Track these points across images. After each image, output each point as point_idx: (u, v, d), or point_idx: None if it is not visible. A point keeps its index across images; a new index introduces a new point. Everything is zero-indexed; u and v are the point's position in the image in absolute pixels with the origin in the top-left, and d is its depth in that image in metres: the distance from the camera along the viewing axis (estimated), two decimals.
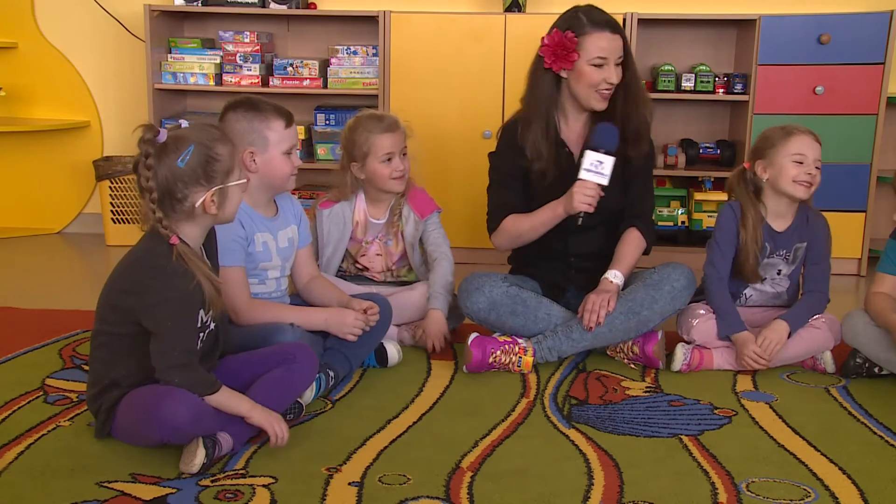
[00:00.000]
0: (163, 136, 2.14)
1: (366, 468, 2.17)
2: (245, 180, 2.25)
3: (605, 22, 2.85)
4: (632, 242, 2.93)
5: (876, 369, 2.79)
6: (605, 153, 2.76)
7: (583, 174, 2.77)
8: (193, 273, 2.11)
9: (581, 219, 2.79)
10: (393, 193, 3.06)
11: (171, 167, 2.12)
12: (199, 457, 2.10)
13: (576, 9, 2.89)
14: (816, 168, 2.81)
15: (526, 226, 2.93)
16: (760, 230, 2.85)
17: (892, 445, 2.34)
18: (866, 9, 4.05)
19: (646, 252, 2.98)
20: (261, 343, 2.48)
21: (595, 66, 2.83)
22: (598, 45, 2.82)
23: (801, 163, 2.81)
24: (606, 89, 2.85)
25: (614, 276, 2.85)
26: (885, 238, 2.91)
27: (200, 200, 2.16)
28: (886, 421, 2.49)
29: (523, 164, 2.92)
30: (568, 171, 2.89)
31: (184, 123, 2.22)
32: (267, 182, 2.65)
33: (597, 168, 2.76)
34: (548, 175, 2.90)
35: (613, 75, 2.84)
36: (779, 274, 2.92)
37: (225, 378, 2.23)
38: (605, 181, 2.76)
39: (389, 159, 2.98)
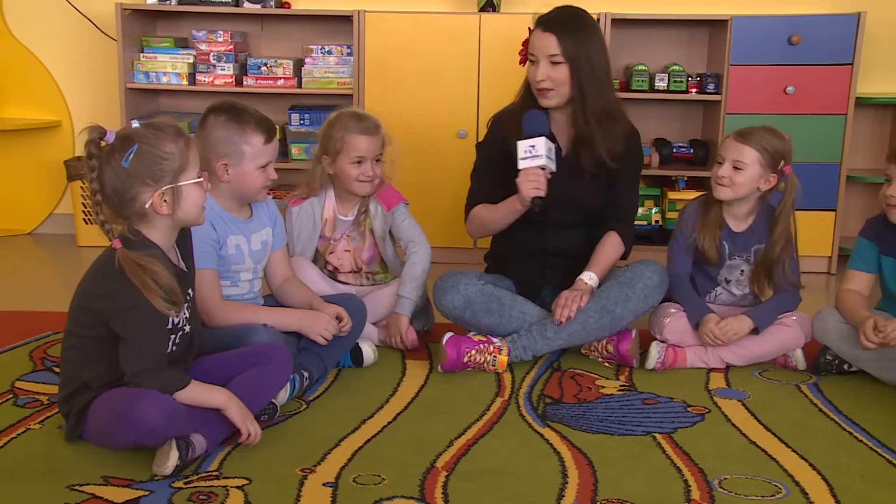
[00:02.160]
0: (110, 136, 2.12)
1: (340, 468, 2.17)
2: (202, 179, 2.22)
3: (540, 19, 2.85)
4: (610, 246, 2.93)
5: (846, 366, 2.82)
6: (537, 136, 2.75)
7: (521, 164, 2.76)
8: (129, 279, 2.07)
9: (538, 206, 2.76)
10: (357, 196, 3.04)
11: (115, 167, 2.11)
12: (172, 458, 2.09)
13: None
14: (735, 168, 2.84)
15: (489, 217, 2.94)
16: (718, 230, 2.91)
17: (861, 441, 2.37)
18: (835, 10, 4.10)
19: (623, 257, 2.99)
20: (234, 344, 2.47)
21: (531, 62, 2.85)
22: (532, 41, 2.85)
23: (720, 163, 2.87)
24: (538, 87, 2.85)
25: (589, 278, 2.86)
26: (855, 236, 2.94)
27: (150, 201, 2.13)
28: (855, 417, 2.52)
29: (507, 154, 2.91)
30: (557, 164, 2.86)
31: (134, 123, 2.20)
32: (237, 193, 2.64)
33: (531, 152, 2.74)
34: None
35: (538, 73, 2.83)
36: (742, 274, 2.96)
37: (199, 379, 2.22)
38: (543, 161, 2.74)
39: (360, 162, 2.96)
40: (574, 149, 2.89)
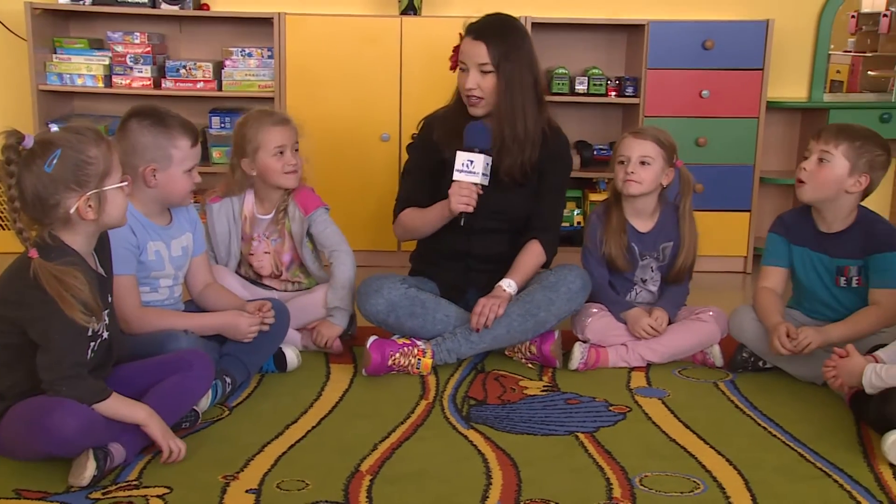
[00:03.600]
0: (28, 141, 2.06)
1: (263, 475, 2.15)
2: (126, 182, 2.19)
3: (471, 27, 2.88)
4: (531, 254, 2.95)
5: (761, 363, 2.89)
6: (478, 152, 2.77)
7: (456, 175, 2.78)
8: (45, 289, 2.02)
9: (463, 220, 2.80)
10: (284, 189, 3.01)
11: (37, 173, 2.05)
12: (89, 469, 2.05)
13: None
14: (642, 164, 2.92)
15: (418, 222, 2.95)
16: (624, 232, 2.98)
17: (776, 437, 2.44)
18: (745, 17, 4.21)
19: (546, 265, 3.02)
20: (154, 351, 2.43)
21: (462, 70, 2.87)
22: (463, 48, 2.87)
23: (623, 162, 2.94)
24: (468, 95, 2.87)
25: (508, 286, 2.88)
26: None
27: (75, 206, 2.09)
28: (770, 413, 2.59)
29: (435, 157, 2.92)
30: None
31: (53, 127, 2.14)
32: (164, 198, 2.61)
33: (468, 167, 2.76)
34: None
35: (468, 81, 2.85)
36: (653, 271, 3.04)
37: (119, 387, 2.18)
38: (478, 179, 2.77)
39: (281, 153, 2.93)
40: (501, 157, 2.89)
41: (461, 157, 2.77)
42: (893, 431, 2.25)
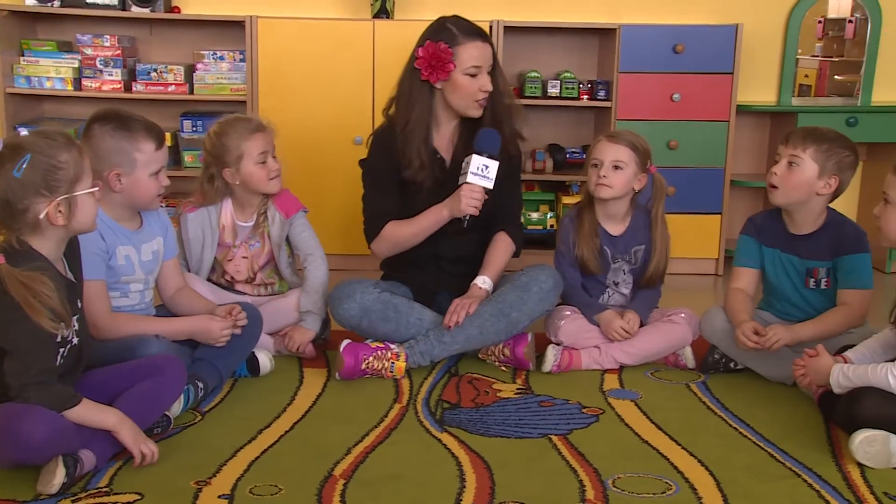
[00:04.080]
0: None
1: (236, 480, 2.14)
2: (97, 188, 2.17)
3: (475, 31, 2.90)
4: (501, 247, 2.98)
5: (732, 364, 2.92)
6: (490, 157, 2.82)
7: (470, 178, 2.81)
8: (12, 295, 2.00)
9: (467, 221, 2.85)
10: (267, 195, 3.00)
11: (6, 178, 2.03)
12: (58, 476, 2.03)
13: (443, 20, 2.92)
14: (615, 168, 2.94)
15: (409, 232, 2.94)
16: (596, 235, 2.99)
17: (746, 437, 2.46)
18: (716, 21, 4.25)
19: (515, 255, 3.04)
20: (126, 356, 2.41)
21: (470, 75, 2.87)
22: (472, 54, 2.87)
23: (596, 165, 2.96)
24: (483, 97, 2.90)
25: (483, 282, 2.89)
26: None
27: (45, 212, 2.07)
28: (741, 414, 2.61)
29: (398, 171, 2.93)
30: (441, 177, 2.93)
31: (22, 131, 2.12)
32: (131, 202, 2.59)
33: (483, 172, 2.81)
34: (424, 182, 2.92)
35: (488, 83, 2.89)
36: (624, 274, 3.06)
37: (90, 392, 2.16)
38: (490, 185, 2.82)
39: (264, 161, 2.93)
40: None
41: (477, 161, 2.81)
42: (861, 431, 2.28)
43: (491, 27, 3.95)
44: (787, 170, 2.77)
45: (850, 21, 4.32)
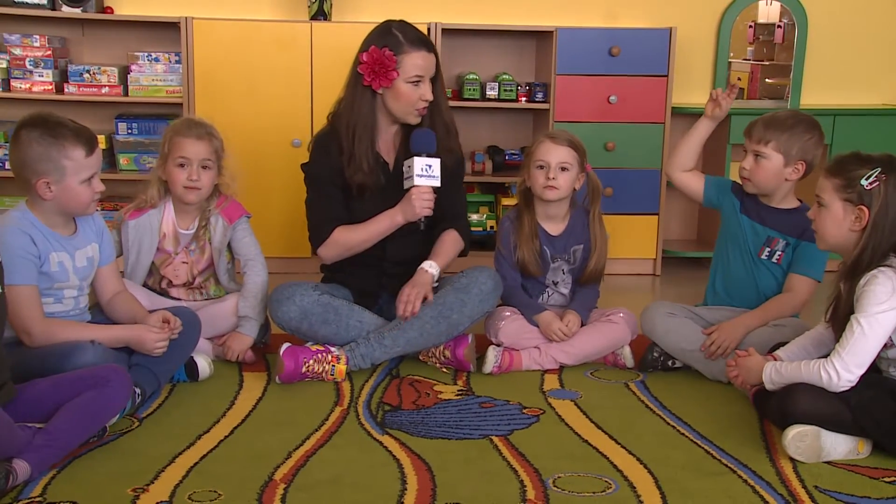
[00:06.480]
0: None
1: (175, 486, 2.11)
2: None
3: (421, 40, 2.90)
4: (450, 241, 3.00)
5: (670, 362, 2.96)
6: (429, 155, 2.84)
7: (417, 180, 2.83)
8: None
9: (423, 223, 2.86)
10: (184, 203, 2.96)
11: None
12: None
13: (389, 24, 2.92)
14: (562, 169, 2.98)
15: (360, 237, 2.93)
16: (536, 236, 3.03)
17: (684, 435, 2.50)
18: (649, 25, 4.31)
19: (463, 253, 3.06)
20: (59, 363, 2.36)
21: (412, 83, 2.87)
22: (416, 63, 2.87)
23: (542, 167, 2.98)
24: (423, 106, 2.90)
25: (430, 266, 2.90)
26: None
27: None
28: (678, 412, 2.65)
29: (342, 175, 2.92)
30: (384, 182, 2.93)
31: None
32: (63, 209, 2.53)
33: (428, 172, 2.83)
34: (369, 186, 2.92)
35: (428, 92, 2.90)
36: (564, 273, 3.09)
37: (30, 406, 2.12)
38: (438, 182, 2.84)
39: (182, 165, 2.89)
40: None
41: (420, 163, 2.82)
42: (793, 427, 2.33)
43: (429, 29, 3.96)
44: (754, 163, 2.87)
45: (779, 26, 4.43)
